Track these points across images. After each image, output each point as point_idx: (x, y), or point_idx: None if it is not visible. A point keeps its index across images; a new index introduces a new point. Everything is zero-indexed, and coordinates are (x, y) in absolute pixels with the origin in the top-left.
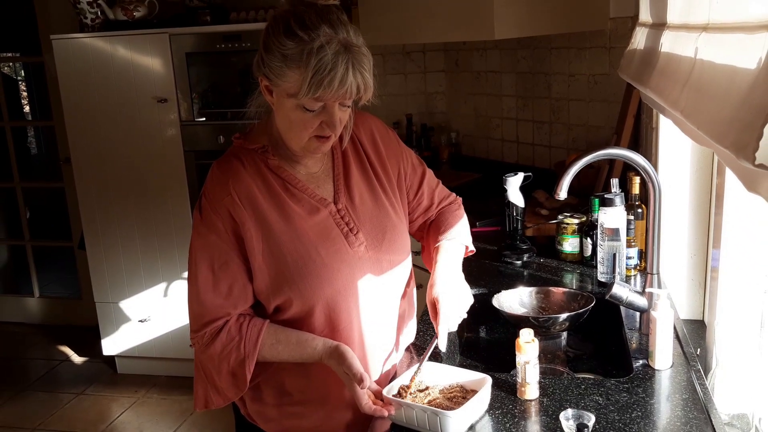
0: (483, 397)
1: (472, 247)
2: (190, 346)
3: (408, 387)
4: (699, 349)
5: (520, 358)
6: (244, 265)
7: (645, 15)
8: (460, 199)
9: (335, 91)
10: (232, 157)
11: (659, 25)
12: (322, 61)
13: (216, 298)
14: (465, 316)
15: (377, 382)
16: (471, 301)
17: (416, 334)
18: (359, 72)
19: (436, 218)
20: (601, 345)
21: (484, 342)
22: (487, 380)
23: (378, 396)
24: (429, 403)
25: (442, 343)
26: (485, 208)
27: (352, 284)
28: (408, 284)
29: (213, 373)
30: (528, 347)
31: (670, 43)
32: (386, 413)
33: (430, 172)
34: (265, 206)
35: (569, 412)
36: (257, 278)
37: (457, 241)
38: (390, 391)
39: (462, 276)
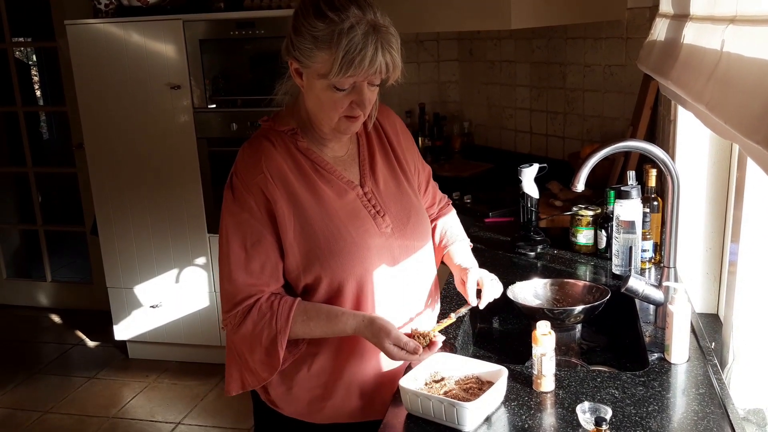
0: (499, 389)
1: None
2: (221, 329)
3: (427, 333)
4: (714, 344)
5: (536, 350)
6: (276, 243)
7: (666, 6)
8: (450, 200)
9: (365, 71)
10: (262, 137)
11: (681, 17)
12: (352, 41)
13: (248, 277)
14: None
15: (393, 371)
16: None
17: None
18: (388, 51)
19: (440, 221)
20: (614, 338)
21: (497, 333)
22: (503, 372)
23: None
24: (445, 394)
25: (484, 300)
26: (497, 198)
27: (380, 265)
28: (432, 271)
29: (246, 352)
30: (545, 339)
31: (693, 34)
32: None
33: (431, 173)
34: (296, 185)
35: (586, 405)
36: (288, 256)
37: (464, 242)
38: (408, 382)
39: None
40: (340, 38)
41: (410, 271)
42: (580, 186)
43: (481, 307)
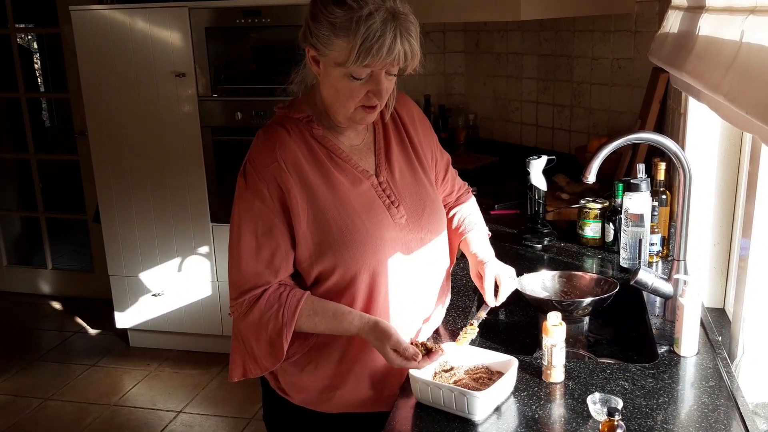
0: (510, 379)
1: (488, 232)
2: (228, 315)
3: (425, 343)
4: (721, 338)
5: (546, 341)
6: (288, 232)
7: None
8: (471, 188)
9: (383, 59)
10: (277, 125)
11: (696, 8)
12: (371, 28)
13: (257, 266)
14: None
15: None
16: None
17: (443, 318)
18: (407, 40)
19: (459, 208)
20: (621, 330)
21: (504, 324)
22: (514, 362)
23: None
24: (455, 383)
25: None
26: (503, 191)
27: (394, 255)
28: (445, 263)
29: (251, 341)
30: (555, 330)
31: (709, 26)
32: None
33: (450, 160)
34: (311, 173)
35: (596, 395)
36: (300, 245)
37: (482, 230)
38: (417, 371)
39: None
40: (359, 25)
41: (424, 263)
42: (591, 177)
43: (498, 304)
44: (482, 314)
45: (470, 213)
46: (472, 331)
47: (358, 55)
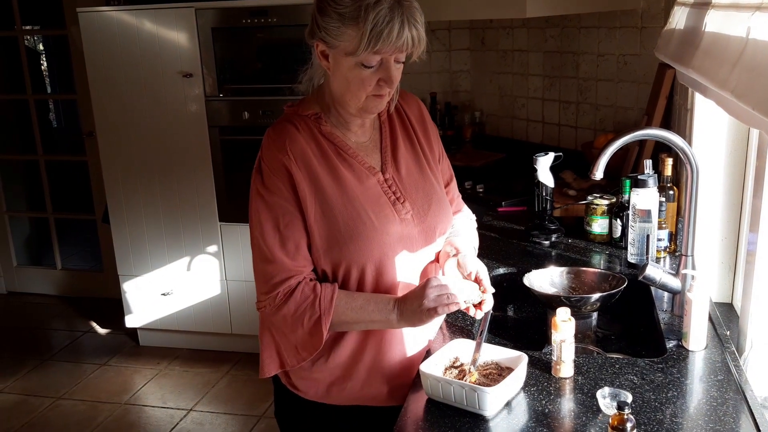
0: (520, 374)
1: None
2: (258, 309)
3: (470, 364)
4: (728, 332)
5: (556, 337)
6: (305, 223)
7: None
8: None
9: (393, 44)
10: (285, 122)
11: (702, 5)
12: (379, 14)
13: (285, 258)
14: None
15: (413, 357)
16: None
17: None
18: (413, 25)
19: (459, 228)
20: (629, 325)
21: (512, 320)
22: (524, 358)
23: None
24: (465, 379)
25: (488, 305)
26: (510, 188)
27: (399, 250)
28: None
29: (287, 333)
30: (564, 326)
31: (715, 22)
32: None
33: (453, 174)
34: (318, 169)
35: (606, 390)
36: (309, 239)
37: (470, 239)
38: (428, 367)
39: None
40: (367, 13)
41: (429, 258)
42: (599, 174)
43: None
44: (477, 356)
45: (462, 227)
46: (473, 372)
47: (369, 41)
